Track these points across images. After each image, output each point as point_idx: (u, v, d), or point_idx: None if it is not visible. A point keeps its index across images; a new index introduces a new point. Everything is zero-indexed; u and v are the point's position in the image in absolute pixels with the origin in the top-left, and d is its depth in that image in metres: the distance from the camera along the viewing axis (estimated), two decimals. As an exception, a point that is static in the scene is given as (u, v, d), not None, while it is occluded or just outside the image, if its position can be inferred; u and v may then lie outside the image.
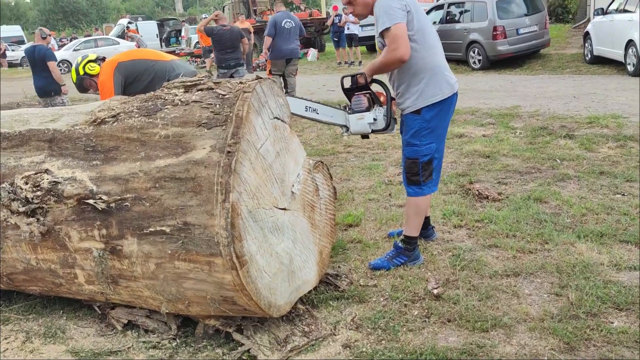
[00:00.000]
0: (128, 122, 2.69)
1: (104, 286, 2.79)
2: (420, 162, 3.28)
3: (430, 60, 3.21)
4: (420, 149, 3.27)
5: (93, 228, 2.64)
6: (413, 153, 3.30)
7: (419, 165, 3.29)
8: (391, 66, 3.17)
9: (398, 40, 3.03)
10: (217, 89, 2.59)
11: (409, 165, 3.34)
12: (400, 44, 3.03)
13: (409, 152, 3.32)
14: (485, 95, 9.97)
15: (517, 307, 2.92)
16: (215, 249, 2.35)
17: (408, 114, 3.28)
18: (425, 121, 3.23)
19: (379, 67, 3.22)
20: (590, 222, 3.96)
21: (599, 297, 2.93)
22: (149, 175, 2.51)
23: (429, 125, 3.24)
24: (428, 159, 3.30)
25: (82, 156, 2.74)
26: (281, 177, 2.66)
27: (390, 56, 3.07)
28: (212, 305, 2.55)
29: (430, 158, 3.30)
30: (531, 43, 13.42)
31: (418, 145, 3.27)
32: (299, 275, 2.78)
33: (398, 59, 3.06)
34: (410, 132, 3.29)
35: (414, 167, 3.31)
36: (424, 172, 3.31)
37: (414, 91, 3.21)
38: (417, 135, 3.26)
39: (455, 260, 3.47)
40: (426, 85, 3.20)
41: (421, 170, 3.30)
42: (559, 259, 3.41)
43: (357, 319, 2.92)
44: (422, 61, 3.18)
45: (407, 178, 3.38)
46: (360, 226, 4.20)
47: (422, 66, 3.18)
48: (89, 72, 4.70)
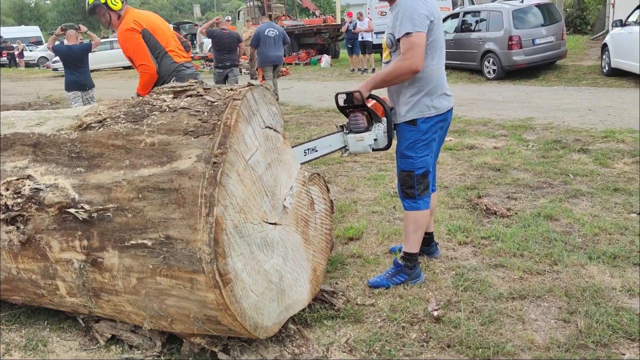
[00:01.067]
0: (114, 128, 2.56)
1: (85, 299, 2.66)
2: (415, 175, 3.13)
3: (435, 72, 3.07)
4: (415, 161, 3.12)
5: (74, 238, 2.51)
6: (408, 165, 3.15)
7: (414, 178, 3.14)
8: (402, 77, 2.98)
9: (415, 49, 2.86)
10: (207, 95, 2.45)
11: (404, 178, 3.18)
12: (416, 54, 2.87)
13: (404, 165, 3.17)
14: (498, 106, 9.77)
15: (521, 334, 2.74)
16: (197, 266, 2.21)
17: (403, 124, 3.12)
18: (421, 132, 3.08)
19: (385, 78, 3.02)
20: (602, 242, 3.76)
21: (609, 326, 2.74)
22: (133, 185, 2.38)
23: (424, 137, 3.09)
24: (423, 171, 3.14)
25: (66, 162, 2.62)
26: (272, 190, 2.51)
27: (404, 66, 2.90)
28: (195, 323, 2.41)
29: (425, 171, 3.15)
30: (547, 54, 13.18)
31: (413, 157, 3.12)
32: (290, 294, 2.63)
33: (412, 70, 2.90)
34: (405, 144, 3.13)
35: (409, 180, 3.16)
36: (419, 186, 3.15)
37: (411, 100, 3.06)
38: (413, 147, 3.11)
39: (458, 280, 3.29)
40: (425, 96, 3.05)
41: (416, 184, 3.14)
42: (568, 282, 3.22)
43: (352, 340, 2.76)
44: (428, 73, 3.04)
45: (402, 191, 3.23)
46: (362, 240, 4.04)
47: (426, 77, 3.04)
48: (110, 4, 4.53)
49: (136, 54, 4.48)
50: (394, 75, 2.97)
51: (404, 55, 2.90)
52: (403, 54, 2.90)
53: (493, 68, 13.48)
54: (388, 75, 2.99)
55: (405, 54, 2.89)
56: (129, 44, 4.48)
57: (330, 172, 5.93)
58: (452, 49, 13.98)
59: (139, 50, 4.46)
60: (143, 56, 4.46)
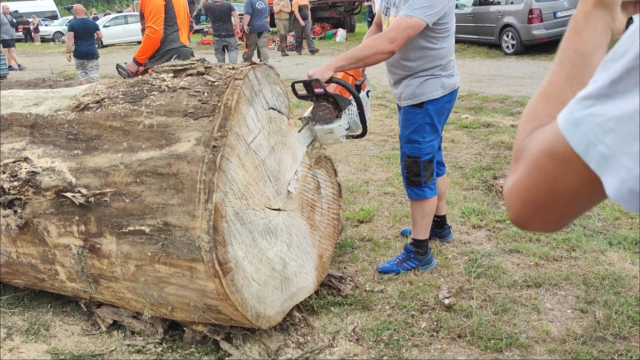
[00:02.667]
0: (112, 109, 2.45)
1: (85, 285, 2.59)
2: (422, 161, 2.97)
3: (448, 54, 2.90)
4: (422, 146, 2.95)
5: (72, 223, 2.43)
6: (414, 151, 2.97)
7: (420, 164, 2.97)
8: (376, 57, 2.67)
9: (404, 34, 2.61)
10: (207, 74, 2.33)
11: (409, 164, 3.01)
12: (401, 38, 2.62)
13: (410, 150, 2.99)
14: (517, 82, 9.50)
15: (536, 324, 2.63)
16: (196, 254, 2.11)
17: (408, 107, 2.96)
18: (429, 116, 2.91)
19: (359, 56, 2.67)
20: (623, 226, 3.61)
21: (629, 317, 2.62)
22: (130, 169, 2.28)
23: (432, 120, 2.92)
24: (430, 157, 2.99)
25: (63, 144, 2.53)
26: (276, 174, 2.40)
27: (383, 44, 2.62)
28: (196, 312, 2.33)
29: (432, 157, 2.99)
30: (569, 27, 12.77)
31: (420, 142, 2.95)
32: (294, 282, 2.53)
33: (390, 51, 2.64)
34: (411, 128, 2.96)
35: (415, 167, 2.98)
36: (426, 172, 2.99)
37: (420, 82, 2.89)
38: (420, 131, 2.94)
39: (471, 266, 3.18)
40: (434, 78, 2.87)
41: (423, 170, 2.98)
42: (586, 269, 3.09)
43: (359, 329, 2.67)
44: (442, 54, 2.86)
45: (407, 179, 3.06)
46: (372, 222, 3.93)
47: (439, 59, 2.86)
48: None
49: (152, 15, 4.47)
50: (368, 53, 2.66)
51: (389, 32, 2.64)
52: (388, 31, 2.65)
53: (512, 43, 13.11)
54: (362, 52, 2.67)
55: (390, 31, 2.64)
56: (151, 3, 4.48)
57: (342, 151, 5.80)
58: (470, 23, 13.63)
59: (157, 13, 4.47)
60: (157, 20, 4.46)
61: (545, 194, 0.66)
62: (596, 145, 0.56)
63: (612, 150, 0.55)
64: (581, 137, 0.58)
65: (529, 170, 0.67)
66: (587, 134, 0.57)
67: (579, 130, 0.58)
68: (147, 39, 4.48)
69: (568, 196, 0.64)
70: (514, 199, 0.71)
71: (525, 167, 0.68)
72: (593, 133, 0.56)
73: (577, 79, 0.74)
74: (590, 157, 0.57)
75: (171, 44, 4.55)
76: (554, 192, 0.64)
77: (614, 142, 0.54)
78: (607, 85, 0.57)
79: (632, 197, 0.54)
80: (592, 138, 0.56)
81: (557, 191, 0.64)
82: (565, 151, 0.60)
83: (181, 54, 4.49)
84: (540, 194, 0.66)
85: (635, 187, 0.53)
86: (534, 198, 0.67)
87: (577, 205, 0.65)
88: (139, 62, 4.55)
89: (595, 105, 0.57)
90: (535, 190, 0.67)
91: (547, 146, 0.64)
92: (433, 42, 2.82)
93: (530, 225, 0.72)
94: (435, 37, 2.80)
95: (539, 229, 0.73)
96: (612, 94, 0.56)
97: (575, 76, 0.74)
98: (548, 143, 0.64)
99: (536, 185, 0.66)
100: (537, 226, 0.72)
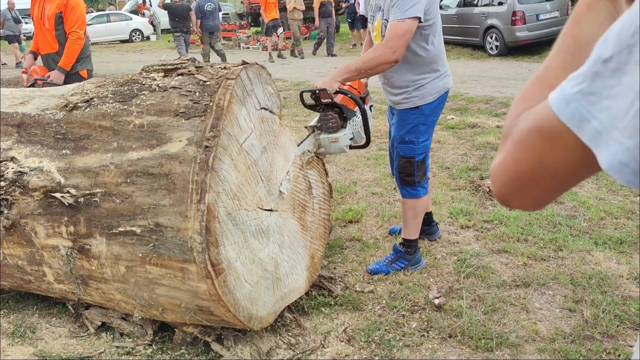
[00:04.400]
0: (101, 109, 2.42)
1: (74, 286, 2.55)
2: (415, 161, 2.98)
3: (440, 55, 2.90)
4: (416, 146, 2.96)
5: (60, 224, 2.39)
6: (408, 151, 2.98)
7: (414, 164, 2.98)
8: (380, 67, 2.69)
9: (402, 38, 2.61)
10: (199, 74, 2.32)
11: (403, 164, 3.02)
12: (402, 44, 2.62)
13: (404, 150, 3.00)
14: (501, 83, 9.59)
15: (525, 324, 2.65)
16: (188, 255, 2.10)
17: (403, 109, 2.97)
18: (424, 116, 2.92)
19: (361, 67, 2.67)
20: (608, 227, 3.66)
21: (617, 316, 2.65)
22: (120, 169, 2.25)
23: (427, 120, 2.93)
24: (423, 157, 3.00)
25: (51, 144, 2.49)
26: (268, 174, 2.39)
27: (385, 55, 2.62)
28: (187, 313, 2.31)
29: (424, 156, 3.01)
30: (551, 29, 12.89)
31: (414, 142, 2.96)
32: (286, 283, 2.53)
33: (394, 60, 2.64)
34: (405, 128, 2.96)
35: (409, 166, 3.00)
36: (419, 172, 3.01)
37: (415, 87, 2.89)
38: (415, 131, 2.95)
39: (460, 266, 3.19)
40: (430, 82, 2.88)
41: (416, 170, 3.00)
42: (573, 269, 3.12)
43: (350, 329, 2.67)
44: (433, 56, 2.86)
45: (401, 178, 3.07)
46: (361, 222, 3.93)
47: (431, 62, 2.87)
48: None
49: (78, 21, 4.52)
50: (372, 65, 2.67)
51: (388, 42, 2.63)
52: (387, 41, 2.64)
53: (496, 44, 13.24)
54: (366, 64, 2.67)
55: (389, 41, 2.63)
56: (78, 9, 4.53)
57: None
58: (455, 24, 13.72)
59: (82, 19, 4.55)
60: (81, 26, 4.52)
61: (532, 169, 0.67)
62: (590, 121, 0.59)
63: (604, 125, 0.57)
64: (574, 113, 0.60)
65: (517, 145, 0.69)
66: (579, 110, 0.59)
67: (570, 106, 0.60)
68: (72, 45, 4.48)
69: (555, 171, 0.66)
70: (500, 174, 0.72)
71: (513, 143, 0.69)
72: (586, 109, 0.59)
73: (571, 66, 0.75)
74: (583, 132, 0.59)
75: (90, 49, 4.65)
76: (541, 166, 0.66)
77: (606, 118, 0.57)
78: (599, 64, 0.59)
79: (622, 168, 0.57)
80: (586, 114, 0.59)
81: (545, 166, 0.66)
82: (555, 126, 0.62)
83: None
84: (528, 169, 0.68)
85: (626, 160, 0.56)
86: (521, 173, 0.69)
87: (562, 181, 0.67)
88: (66, 70, 4.50)
89: (586, 82, 0.60)
90: (522, 165, 0.68)
91: (537, 122, 0.66)
92: (423, 45, 2.82)
93: (513, 200, 0.74)
94: (424, 39, 2.81)
95: (522, 206, 0.74)
96: (603, 71, 0.58)
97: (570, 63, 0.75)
98: (538, 119, 0.66)
99: (524, 159, 0.68)
100: (520, 202, 0.74)
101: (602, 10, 0.78)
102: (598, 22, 0.78)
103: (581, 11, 0.79)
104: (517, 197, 0.72)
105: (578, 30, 0.77)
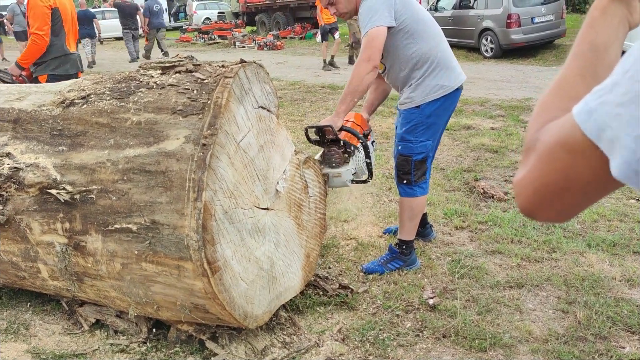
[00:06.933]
0: (98, 105, 2.42)
1: (68, 283, 2.55)
2: (413, 160, 3.00)
3: (432, 51, 2.89)
4: (414, 145, 2.98)
5: (56, 220, 2.39)
6: (406, 150, 3.01)
7: (411, 163, 3.00)
8: (366, 80, 2.76)
9: (373, 47, 2.71)
10: (197, 72, 2.31)
11: (401, 162, 3.05)
12: (374, 51, 2.71)
13: (402, 149, 3.03)
14: (495, 85, 9.63)
15: (519, 324, 2.67)
16: (185, 253, 2.10)
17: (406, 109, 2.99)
18: (424, 116, 2.94)
19: (348, 91, 2.77)
20: (601, 229, 3.68)
21: (609, 317, 2.67)
22: (117, 166, 2.25)
23: (427, 120, 2.94)
24: (422, 157, 3.01)
25: (47, 140, 2.48)
26: (264, 173, 2.39)
27: (361, 67, 2.72)
28: (182, 311, 2.31)
29: (424, 157, 3.02)
30: (546, 33, 12.98)
31: (412, 141, 2.98)
32: (281, 282, 2.53)
33: (371, 69, 2.72)
34: (405, 127, 2.99)
35: (406, 165, 3.02)
36: (416, 172, 3.02)
37: (413, 85, 2.92)
38: (413, 131, 2.97)
39: (454, 267, 3.21)
40: (427, 78, 2.89)
41: (413, 170, 3.01)
42: (567, 270, 3.14)
43: (345, 329, 2.68)
44: (421, 52, 2.87)
45: (398, 176, 3.10)
46: (356, 222, 3.94)
47: (422, 57, 2.87)
48: None
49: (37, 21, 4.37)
50: (357, 81, 2.75)
51: (361, 55, 2.74)
52: (360, 54, 2.76)
53: (491, 46, 13.29)
54: (352, 84, 2.77)
55: (361, 53, 2.74)
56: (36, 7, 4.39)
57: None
58: (450, 26, 13.75)
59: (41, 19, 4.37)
60: (41, 26, 4.36)
61: (557, 183, 0.67)
62: (605, 130, 0.59)
63: (616, 132, 0.58)
64: (594, 125, 0.60)
65: (541, 159, 0.68)
66: (598, 121, 0.60)
67: (592, 118, 0.60)
68: (32, 44, 4.39)
69: (580, 185, 0.65)
70: (524, 187, 0.72)
71: (537, 157, 0.69)
72: (603, 119, 0.59)
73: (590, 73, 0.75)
74: (601, 142, 0.60)
75: (58, 52, 4.49)
76: (567, 180, 0.66)
77: (618, 125, 0.57)
78: (619, 75, 0.60)
79: (635, 176, 0.57)
80: (602, 124, 0.59)
81: (570, 179, 0.66)
82: (580, 140, 0.62)
83: (68, 62, 4.52)
84: (553, 183, 0.68)
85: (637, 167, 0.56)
86: (546, 186, 0.69)
87: (588, 194, 0.67)
88: (22, 67, 4.43)
89: (606, 94, 0.60)
90: (547, 179, 0.68)
91: (562, 136, 0.65)
92: (407, 43, 2.86)
93: (539, 213, 0.74)
94: (408, 37, 2.85)
95: (548, 219, 0.74)
96: (621, 81, 0.59)
97: (588, 70, 0.75)
98: (562, 133, 0.65)
99: (549, 173, 0.68)
100: (546, 215, 0.74)
101: (617, 14, 0.78)
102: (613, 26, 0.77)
103: (595, 16, 0.78)
104: (543, 209, 0.72)
105: (593, 36, 0.77)
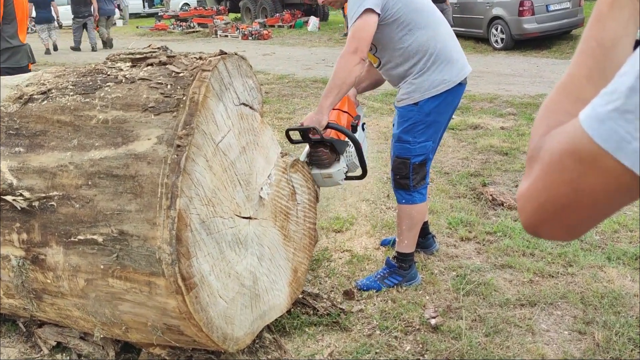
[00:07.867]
0: (60, 101, 2.40)
1: (25, 301, 2.53)
2: (411, 163, 3.00)
3: (430, 42, 2.88)
4: (413, 147, 2.98)
5: (12, 231, 2.37)
6: (404, 151, 3.00)
7: (409, 166, 3.00)
8: (352, 73, 2.73)
9: (361, 38, 2.69)
10: (171, 64, 2.31)
11: (398, 165, 3.04)
12: (361, 42, 2.70)
13: (399, 150, 3.03)
14: (506, 80, 9.68)
15: (531, 347, 2.67)
16: (156, 268, 2.08)
17: (403, 106, 2.99)
18: (424, 114, 2.93)
19: (336, 83, 2.73)
20: (622, 240, 3.70)
21: (630, 339, 2.69)
22: (81, 170, 2.24)
23: (426, 119, 2.94)
24: (421, 159, 3.01)
25: (2, 140, 2.47)
26: (247, 178, 2.39)
27: (349, 59, 2.70)
28: (154, 333, 2.29)
29: (424, 159, 3.02)
30: (562, 22, 13.06)
31: (411, 142, 2.98)
32: (265, 300, 2.52)
33: (358, 61, 2.70)
34: (403, 126, 2.99)
35: (404, 168, 3.02)
36: (415, 176, 3.02)
37: (410, 80, 2.92)
38: (411, 131, 2.97)
39: (459, 283, 3.21)
40: (426, 72, 2.89)
41: (412, 174, 3.01)
42: (584, 287, 3.16)
43: (337, 352, 2.68)
44: (418, 43, 2.86)
45: (395, 181, 3.10)
46: (351, 232, 3.94)
47: (419, 49, 2.87)
48: None
49: None
50: (342, 74, 2.72)
51: (347, 46, 2.72)
52: (346, 45, 2.73)
53: (501, 37, 13.36)
54: (337, 77, 2.74)
55: (347, 44, 2.72)
56: None
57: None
58: (456, 14, 13.82)
59: None
60: None
61: (565, 195, 0.67)
62: (631, 143, 0.57)
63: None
64: (610, 134, 0.59)
65: (546, 170, 0.68)
66: (617, 131, 0.58)
67: (604, 126, 0.60)
68: None
69: (591, 198, 0.65)
70: (528, 201, 0.72)
71: (542, 167, 0.69)
72: (624, 129, 0.58)
73: (598, 72, 0.75)
74: (623, 154, 0.58)
75: (8, 42, 4.47)
76: (576, 193, 0.65)
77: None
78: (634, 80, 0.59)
79: None
80: (625, 135, 0.58)
81: (580, 192, 0.65)
82: (590, 149, 0.61)
83: (18, 53, 4.52)
84: (560, 195, 0.67)
85: None
86: (553, 200, 0.68)
87: (599, 208, 0.66)
88: None
89: (621, 99, 0.59)
90: (554, 191, 0.68)
91: (569, 144, 0.65)
92: (402, 36, 2.87)
93: (543, 229, 0.73)
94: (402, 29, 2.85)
95: (553, 236, 0.74)
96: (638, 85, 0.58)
97: (596, 69, 0.75)
98: (569, 141, 0.65)
99: (555, 185, 0.67)
100: (551, 232, 0.73)
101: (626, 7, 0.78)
102: (623, 21, 0.77)
103: (603, 10, 0.79)
104: (549, 226, 0.72)
105: (601, 31, 0.77)
